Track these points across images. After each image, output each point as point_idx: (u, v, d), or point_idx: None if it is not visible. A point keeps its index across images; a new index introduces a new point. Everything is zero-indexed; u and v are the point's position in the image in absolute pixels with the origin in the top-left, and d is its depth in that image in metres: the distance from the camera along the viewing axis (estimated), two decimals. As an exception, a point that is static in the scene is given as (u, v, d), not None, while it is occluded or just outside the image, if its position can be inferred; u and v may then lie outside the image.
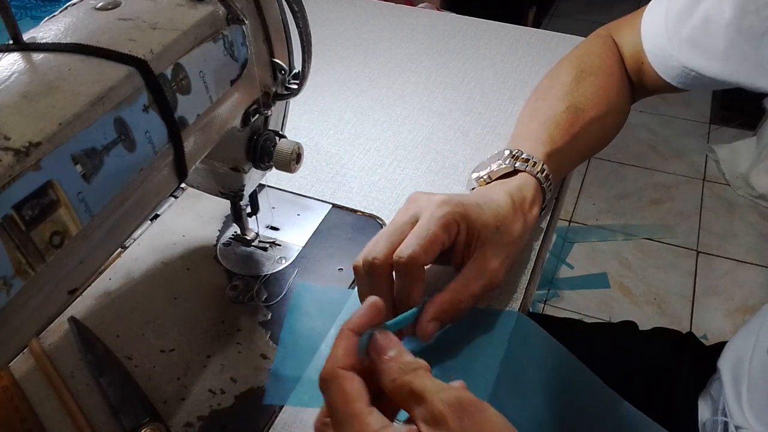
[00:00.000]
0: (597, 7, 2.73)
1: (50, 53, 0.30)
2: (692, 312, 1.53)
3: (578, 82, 0.55)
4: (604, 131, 0.57)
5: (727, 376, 0.55)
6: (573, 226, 1.77)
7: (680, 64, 0.53)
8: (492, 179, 0.49)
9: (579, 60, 0.58)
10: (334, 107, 0.71)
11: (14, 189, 0.25)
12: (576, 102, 0.53)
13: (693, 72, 0.52)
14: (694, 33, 0.51)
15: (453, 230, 0.42)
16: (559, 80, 0.57)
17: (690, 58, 0.52)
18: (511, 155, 0.49)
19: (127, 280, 0.51)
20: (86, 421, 0.41)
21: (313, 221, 0.56)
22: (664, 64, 0.55)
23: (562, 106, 0.53)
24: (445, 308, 0.41)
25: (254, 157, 0.46)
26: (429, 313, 0.41)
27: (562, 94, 0.55)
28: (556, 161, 0.50)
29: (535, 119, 0.53)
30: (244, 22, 0.38)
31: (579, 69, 0.57)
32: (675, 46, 0.52)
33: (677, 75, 0.54)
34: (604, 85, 0.56)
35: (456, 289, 0.42)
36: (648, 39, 0.55)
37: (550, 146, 0.50)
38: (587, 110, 0.53)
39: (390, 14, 0.90)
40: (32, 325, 0.29)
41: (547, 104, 0.54)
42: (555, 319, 0.74)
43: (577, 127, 0.52)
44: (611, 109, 0.56)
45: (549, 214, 0.56)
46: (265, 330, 0.47)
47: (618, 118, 0.58)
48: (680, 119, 2.13)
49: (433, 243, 0.40)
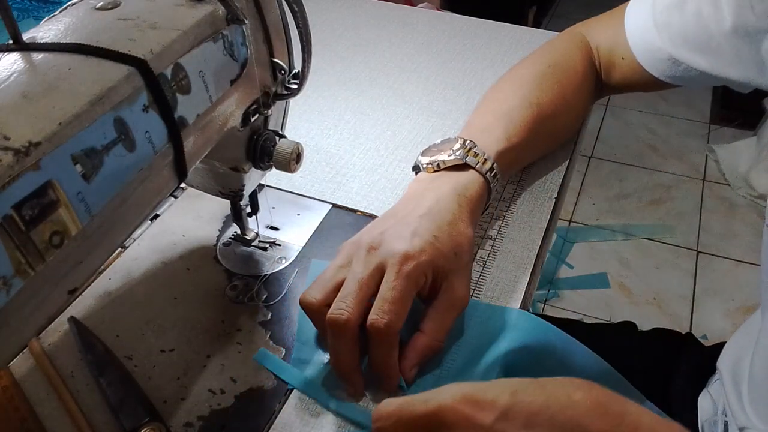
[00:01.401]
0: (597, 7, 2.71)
1: (50, 53, 0.30)
2: (692, 312, 1.53)
3: (538, 77, 0.56)
4: (555, 129, 0.57)
5: (727, 376, 0.55)
6: (573, 226, 1.77)
7: (669, 57, 0.53)
8: (440, 168, 0.49)
9: (542, 56, 0.59)
10: (334, 107, 0.71)
11: (14, 189, 0.25)
12: (532, 98, 0.54)
13: (682, 65, 0.52)
14: (686, 28, 0.50)
15: (421, 281, 0.41)
16: (519, 74, 0.57)
17: (681, 52, 0.52)
18: (463, 146, 0.49)
19: (127, 280, 0.51)
20: (86, 421, 0.41)
21: (313, 221, 0.56)
22: (652, 58, 0.54)
23: (519, 101, 0.53)
24: (426, 353, 0.42)
25: (254, 157, 0.46)
26: (411, 360, 0.41)
27: (520, 88, 0.55)
28: (507, 159, 0.50)
29: (492, 112, 0.54)
30: (244, 22, 0.38)
31: (541, 64, 0.57)
32: (666, 40, 0.52)
33: (665, 68, 0.54)
34: (561, 81, 0.56)
35: (433, 329, 0.42)
36: (634, 33, 0.55)
37: (504, 144, 0.50)
38: (543, 107, 0.53)
39: (390, 14, 0.90)
40: (32, 325, 0.29)
41: (505, 96, 0.55)
42: (555, 319, 0.74)
43: (532, 124, 0.52)
44: (566, 107, 0.56)
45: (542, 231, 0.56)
46: (265, 330, 0.47)
47: (571, 117, 0.59)
48: (680, 119, 2.13)
49: (407, 300, 0.40)
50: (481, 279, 0.50)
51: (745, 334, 0.57)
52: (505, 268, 0.51)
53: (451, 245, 0.43)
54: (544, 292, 1.57)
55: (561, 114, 0.56)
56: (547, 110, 0.54)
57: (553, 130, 0.57)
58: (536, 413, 0.31)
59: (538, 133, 0.53)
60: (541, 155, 0.60)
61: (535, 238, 0.54)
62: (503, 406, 0.31)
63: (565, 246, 1.70)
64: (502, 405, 0.31)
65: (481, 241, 0.54)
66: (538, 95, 0.54)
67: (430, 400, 0.33)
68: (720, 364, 0.58)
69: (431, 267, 0.41)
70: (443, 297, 0.43)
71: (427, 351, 0.42)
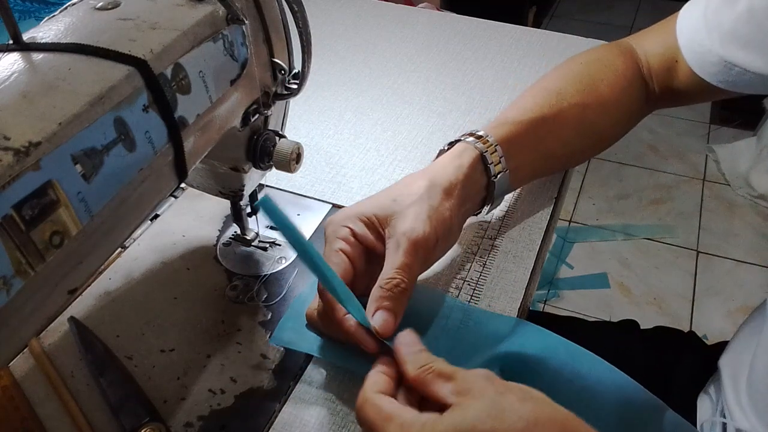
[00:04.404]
0: (597, 7, 2.73)
1: (50, 53, 0.30)
2: (692, 312, 1.53)
3: (566, 72, 0.55)
4: (585, 120, 0.54)
5: (727, 375, 0.55)
6: (573, 226, 1.77)
7: (721, 60, 0.50)
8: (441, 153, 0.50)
9: (576, 56, 0.58)
10: (334, 107, 0.71)
11: (14, 189, 0.25)
12: (551, 86, 0.53)
13: (736, 67, 0.50)
14: (737, 25, 0.48)
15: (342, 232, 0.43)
16: (547, 74, 0.57)
17: (732, 52, 0.49)
18: (467, 134, 0.50)
19: (127, 280, 0.51)
20: (86, 421, 0.41)
21: (313, 221, 0.56)
22: (702, 61, 0.52)
23: (536, 91, 0.53)
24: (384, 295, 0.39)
25: (254, 157, 0.46)
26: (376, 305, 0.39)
27: (542, 81, 0.55)
28: (513, 135, 0.50)
29: (507, 109, 0.54)
30: (244, 22, 0.38)
31: (572, 62, 0.57)
32: (715, 41, 0.50)
33: (717, 72, 0.52)
34: (593, 74, 0.54)
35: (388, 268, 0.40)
36: (684, 36, 0.53)
37: (508, 126, 0.50)
38: (565, 95, 0.52)
39: (390, 14, 0.90)
40: (32, 325, 0.29)
41: (524, 94, 0.55)
42: (555, 317, 0.74)
43: (548, 109, 0.51)
44: (599, 101, 0.54)
45: (542, 231, 0.55)
46: (265, 330, 0.47)
47: (608, 113, 0.56)
48: (680, 119, 2.13)
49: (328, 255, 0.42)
50: (481, 279, 0.50)
51: (747, 333, 0.57)
52: (505, 268, 0.51)
53: (388, 196, 0.45)
54: (544, 292, 1.57)
55: (592, 106, 0.53)
56: (572, 99, 0.52)
57: (582, 120, 0.54)
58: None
59: (558, 118, 0.52)
60: (577, 149, 0.56)
61: (535, 238, 0.54)
62: None
63: (565, 246, 1.70)
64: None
65: (482, 240, 0.54)
66: (561, 84, 0.53)
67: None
68: (722, 363, 0.58)
69: (357, 217, 0.43)
70: (389, 242, 0.42)
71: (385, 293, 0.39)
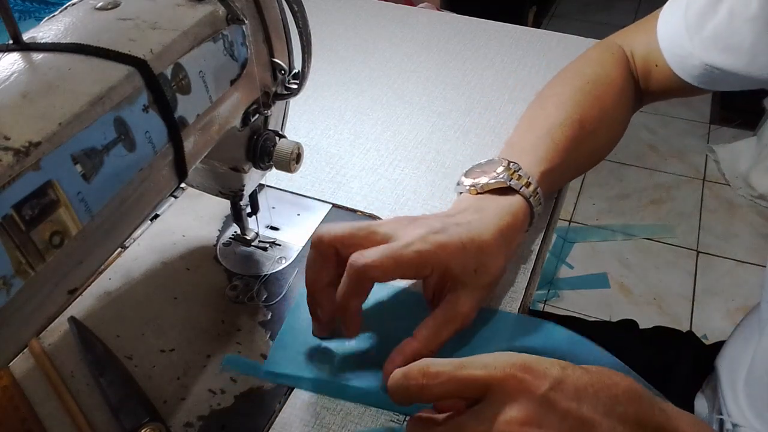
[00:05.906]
0: (596, 7, 2.73)
1: (50, 53, 0.30)
2: (692, 312, 1.53)
3: (577, 94, 0.55)
4: (597, 146, 0.55)
5: (725, 374, 0.56)
6: (573, 226, 1.77)
7: (702, 63, 0.51)
8: (484, 191, 0.47)
9: (580, 70, 0.58)
10: (334, 107, 0.71)
11: (14, 189, 0.25)
12: (574, 115, 0.52)
13: (717, 70, 0.51)
14: (717, 30, 0.49)
15: (423, 272, 0.41)
16: (558, 91, 0.56)
17: (713, 56, 0.50)
18: (507, 168, 0.47)
19: (127, 280, 0.51)
20: (86, 421, 0.41)
21: (313, 221, 0.56)
22: (684, 64, 0.53)
23: (560, 120, 0.52)
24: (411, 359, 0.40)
25: (254, 157, 0.46)
26: (394, 361, 0.40)
27: (561, 105, 0.54)
28: (549, 180, 0.49)
29: (533, 131, 0.52)
30: (244, 22, 0.38)
31: (579, 80, 0.56)
32: (696, 45, 0.51)
33: (699, 74, 0.53)
34: (600, 97, 0.55)
35: (425, 337, 0.41)
36: (665, 39, 0.54)
37: (546, 164, 0.49)
38: (584, 124, 0.52)
39: (390, 14, 0.90)
40: (32, 325, 0.29)
41: (546, 115, 0.53)
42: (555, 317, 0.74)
43: (574, 143, 0.51)
44: (607, 123, 0.55)
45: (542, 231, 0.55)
46: (265, 330, 0.47)
47: (612, 132, 0.57)
48: (680, 119, 2.13)
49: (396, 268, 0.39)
50: (481, 279, 0.50)
51: (744, 332, 0.57)
52: (505, 268, 0.51)
53: (475, 261, 0.42)
54: (544, 292, 1.57)
55: (602, 129, 0.54)
56: (589, 127, 0.52)
57: (594, 147, 0.55)
58: (583, 388, 0.33)
59: (580, 151, 0.52)
60: (581, 173, 0.57)
61: (535, 238, 0.54)
62: (555, 377, 0.33)
63: (565, 246, 1.70)
64: (554, 376, 0.33)
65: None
66: (580, 113, 0.53)
67: (488, 366, 0.33)
68: (719, 362, 0.58)
69: (440, 265, 0.41)
70: (445, 306, 0.42)
71: (414, 357, 0.40)
